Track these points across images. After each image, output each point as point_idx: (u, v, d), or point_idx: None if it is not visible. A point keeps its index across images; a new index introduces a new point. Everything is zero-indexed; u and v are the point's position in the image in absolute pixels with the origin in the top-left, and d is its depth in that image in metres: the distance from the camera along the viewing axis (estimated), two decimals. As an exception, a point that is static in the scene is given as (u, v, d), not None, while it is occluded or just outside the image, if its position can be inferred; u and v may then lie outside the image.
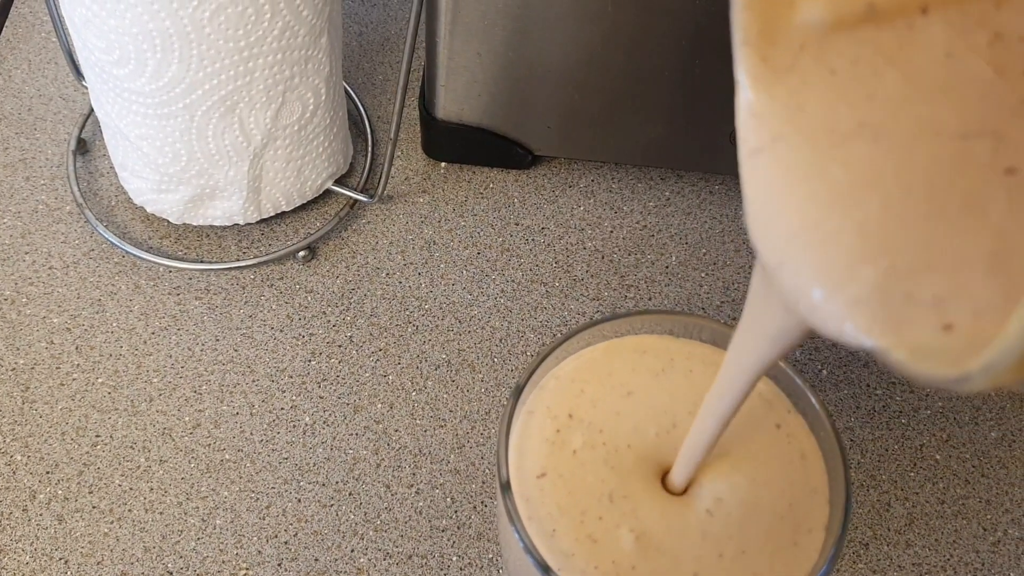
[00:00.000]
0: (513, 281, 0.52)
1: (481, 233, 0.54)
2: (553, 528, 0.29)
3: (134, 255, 0.51)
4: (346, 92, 0.58)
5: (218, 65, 0.42)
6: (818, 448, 0.31)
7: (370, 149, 0.56)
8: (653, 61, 0.48)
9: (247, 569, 0.43)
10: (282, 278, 0.51)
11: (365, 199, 0.53)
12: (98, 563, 0.43)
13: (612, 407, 0.31)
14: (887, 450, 0.49)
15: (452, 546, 0.44)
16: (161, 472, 0.45)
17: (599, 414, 0.31)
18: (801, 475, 0.30)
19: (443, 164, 0.57)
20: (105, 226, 0.51)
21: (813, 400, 0.31)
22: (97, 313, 0.49)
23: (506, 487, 0.30)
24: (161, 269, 0.51)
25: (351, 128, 0.57)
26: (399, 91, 0.47)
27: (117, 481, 0.45)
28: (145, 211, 0.52)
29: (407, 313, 0.51)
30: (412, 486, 0.46)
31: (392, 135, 0.50)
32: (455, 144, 0.55)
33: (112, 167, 0.53)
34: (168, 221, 0.52)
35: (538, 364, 0.31)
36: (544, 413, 0.31)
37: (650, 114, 0.52)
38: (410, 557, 0.44)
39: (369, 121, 0.58)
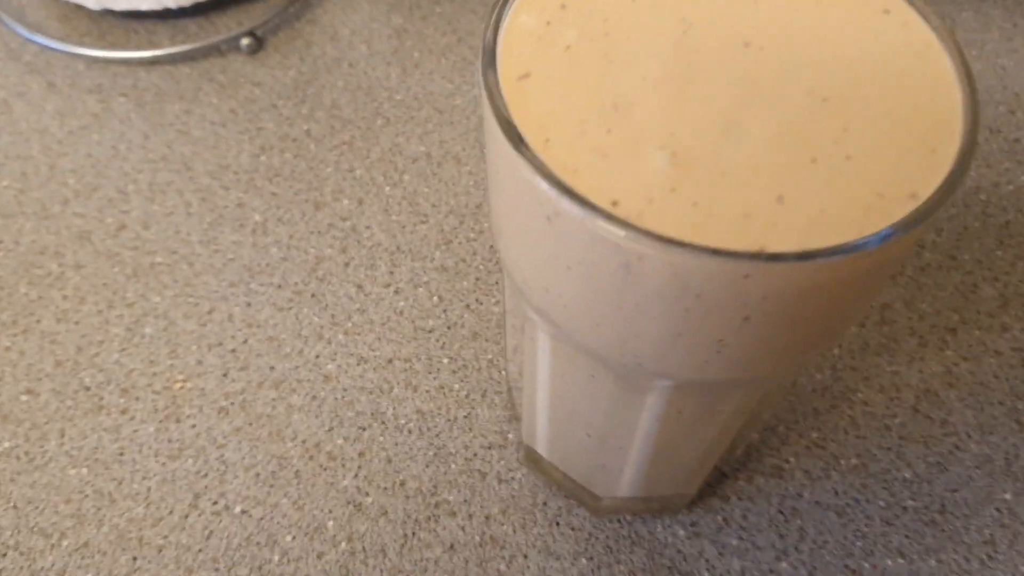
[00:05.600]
0: (502, 68, 0.44)
1: (461, 20, 0.46)
2: (546, 138, 0.20)
3: (49, 47, 0.42)
4: None
5: None
6: (939, 42, 0.22)
7: (327, -63, 0.48)
8: None
9: (184, 380, 0.34)
10: (224, 72, 0.43)
11: (321, -21, 0.45)
12: (-3, 380, 0.34)
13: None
14: (966, 228, 0.40)
15: (441, 348, 0.35)
16: (77, 278, 0.36)
17: (603, 2, 0.22)
18: (926, 71, 0.22)
19: (414, -50, 0.48)
20: (13, 21, 0.43)
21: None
22: (2, 115, 0.41)
23: (493, 89, 0.21)
24: (80, 66, 0.42)
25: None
26: None
27: (23, 290, 0.36)
28: (60, 8, 0.44)
29: (375, 105, 0.42)
30: (389, 285, 0.37)
31: None
32: (426, -82, 0.46)
33: (21, -36, 0.45)
34: (87, 13, 0.43)
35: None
36: (529, 3, 0.22)
37: None
38: (390, 361, 0.35)
39: (325, -89, 0.49)
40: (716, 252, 0.18)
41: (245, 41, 0.42)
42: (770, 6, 0.23)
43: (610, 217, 0.19)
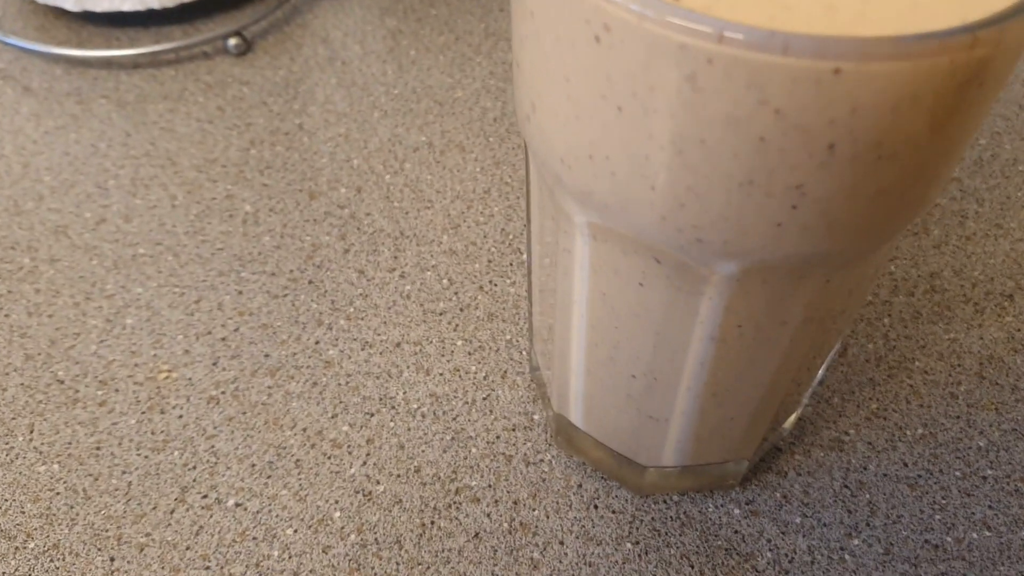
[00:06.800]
0: (504, 63, 0.42)
1: (458, 20, 0.44)
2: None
3: (26, 50, 0.40)
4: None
5: None
6: None
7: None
8: None
9: (169, 371, 0.31)
10: (210, 73, 0.40)
11: (311, -21, 0.43)
12: (-42, 376, 0.30)
13: None
14: (1009, 197, 0.37)
15: (454, 330, 0.32)
16: (52, 272, 0.33)
17: None
18: None
19: (406, -42, 0.47)
20: (-15, 34, 0.41)
21: None
22: (-29, 118, 0.38)
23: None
24: (58, 71, 0.40)
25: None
26: None
27: (-10, 285, 0.33)
28: (39, 16, 0.41)
29: (372, 99, 0.40)
30: (394, 270, 0.34)
31: None
32: (418, -78, 0.45)
33: (-4, -21, 0.43)
34: (67, 21, 0.41)
35: None
36: None
37: None
38: (398, 345, 0.32)
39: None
40: (803, 37, 0.15)
41: (232, 41, 0.40)
42: None
43: (674, 9, 0.16)
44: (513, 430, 0.30)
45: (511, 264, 0.34)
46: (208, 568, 0.26)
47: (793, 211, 0.19)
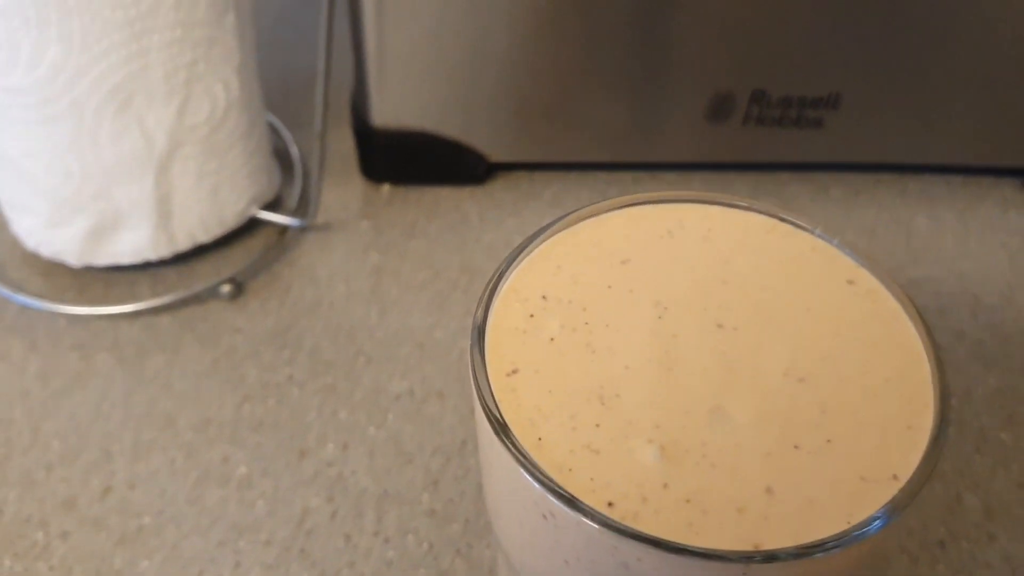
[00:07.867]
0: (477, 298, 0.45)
1: (436, 255, 0.47)
2: (538, 437, 0.21)
3: (29, 306, 0.43)
4: (271, 126, 0.52)
5: (105, 43, 0.36)
6: (904, 311, 0.23)
7: (299, 178, 0.50)
8: (608, 23, 0.43)
9: (174, 654, 0.33)
10: (204, 320, 0.44)
11: (295, 223, 0.46)
12: (-22, 667, 0.33)
13: (600, 280, 0.24)
14: (943, 435, 0.40)
15: (434, 599, 0.35)
16: (64, 548, 0.36)
17: (581, 291, 0.24)
18: (894, 341, 0.23)
19: (385, 187, 0.50)
20: (-6, 284, 0.44)
21: (873, 268, 0.24)
22: (-16, 378, 0.41)
23: (484, 393, 0.22)
24: (62, 323, 0.43)
25: (277, 162, 0.50)
26: (320, 77, 0.41)
27: (8, 563, 0.35)
28: (41, 264, 0.45)
29: (357, 344, 0.43)
30: (378, 534, 0.37)
31: (318, 126, 0.43)
32: (396, 159, 0.48)
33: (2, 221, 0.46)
34: (68, 269, 0.44)
35: (517, 254, 0.24)
36: (511, 297, 0.24)
37: (612, 94, 0.46)
38: (382, 619, 0.35)
39: (301, 154, 0.51)
40: (713, 555, 0.19)
41: (225, 288, 0.43)
42: (737, 285, 0.24)
43: (605, 523, 0.19)
44: None
45: (485, 524, 0.37)
46: None
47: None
